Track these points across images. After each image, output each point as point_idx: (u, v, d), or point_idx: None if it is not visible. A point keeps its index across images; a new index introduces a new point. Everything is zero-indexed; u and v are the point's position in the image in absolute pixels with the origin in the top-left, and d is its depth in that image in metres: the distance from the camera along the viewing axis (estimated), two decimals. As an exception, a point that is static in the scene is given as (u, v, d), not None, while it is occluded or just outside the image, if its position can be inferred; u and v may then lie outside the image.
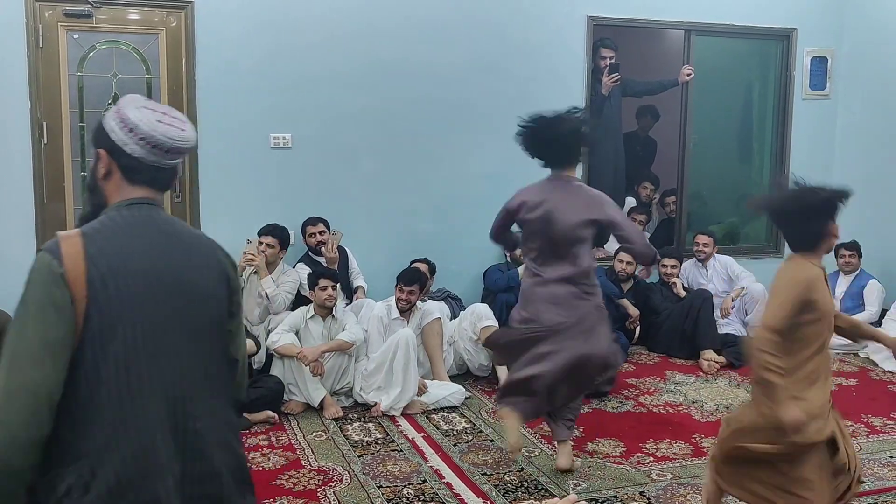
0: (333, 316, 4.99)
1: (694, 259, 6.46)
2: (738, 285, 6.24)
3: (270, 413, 4.66)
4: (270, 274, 5.35)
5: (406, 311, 5.11)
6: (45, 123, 5.37)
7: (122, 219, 1.74)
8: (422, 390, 4.87)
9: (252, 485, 1.89)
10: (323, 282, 4.92)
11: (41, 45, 5.32)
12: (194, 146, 1.81)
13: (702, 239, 6.39)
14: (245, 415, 4.58)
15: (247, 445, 4.31)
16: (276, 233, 5.42)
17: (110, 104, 5.51)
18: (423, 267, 5.60)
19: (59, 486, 1.61)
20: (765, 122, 7.23)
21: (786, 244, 7.39)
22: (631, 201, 7.05)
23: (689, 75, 6.67)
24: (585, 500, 1.35)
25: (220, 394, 1.82)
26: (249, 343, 4.73)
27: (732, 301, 6.20)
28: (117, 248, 1.69)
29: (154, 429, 1.67)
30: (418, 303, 5.19)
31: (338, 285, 5.05)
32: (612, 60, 6.51)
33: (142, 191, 1.77)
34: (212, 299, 1.79)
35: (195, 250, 1.80)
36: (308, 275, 5.18)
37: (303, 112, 5.82)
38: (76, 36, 5.41)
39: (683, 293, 6.20)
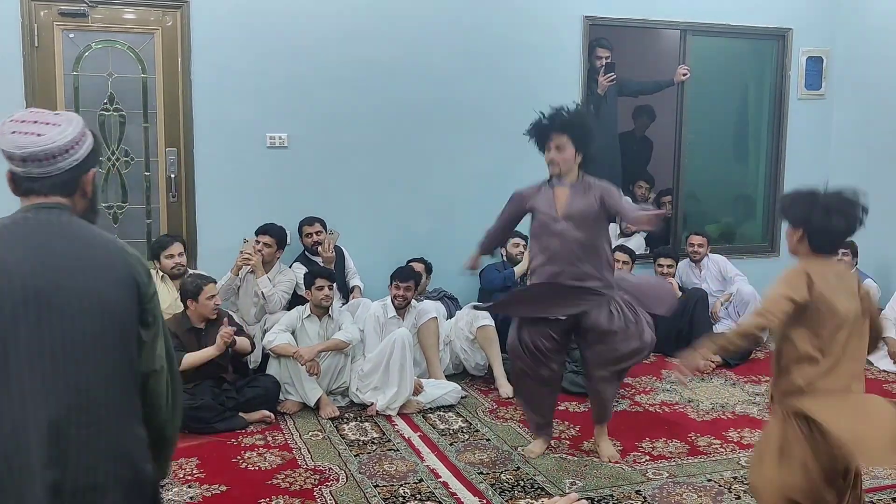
0: (330, 316, 4.99)
1: (688, 259, 6.47)
2: (728, 289, 6.27)
3: (266, 412, 4.65)
4: (267, 273, 5.35)
5: (402, 308, 5.11)
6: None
7: (12, 222, 1.76)
8: (418, 390, 4.88)
9: (155, 501, 1.85)
10: (319, 282, 4.92)
11: (37, 45, 5.31)
12: (53, 149, 1.75)
13: (696, 240, 6.40)
14: (241, 414, 4.58)
15: (242, 445, 4.31)
16: (273, 232, 5.42)
17: (106, 104, 5.50)
18: (419, 266, 5.60)
19: None
20: (760, 121, 7.24)
21: (782, 244, 7.39)
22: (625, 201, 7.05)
23: (684, 75, 6.68)
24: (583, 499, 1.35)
25: (121, 404, 1.76)
26: (244, 342, 4.74)
27: (721, 305, 6.23)
28: (2, 250, 1.69)
29: (28, 434, 1.62)
30: (413, 302, 5.20)
31: (334, 285, 5.05)
32: (608, 60, 6.51)
33: (36, 198, 1.79)
34: (110, 305, 1.74)
35: (95, 254, 1.77)
36: (304, 274, 5.18)
37: (299, 112, 5.82)
38: (72, 35, 5.41)
39: (679, 293, 6.20)
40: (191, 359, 4.47)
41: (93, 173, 1.87)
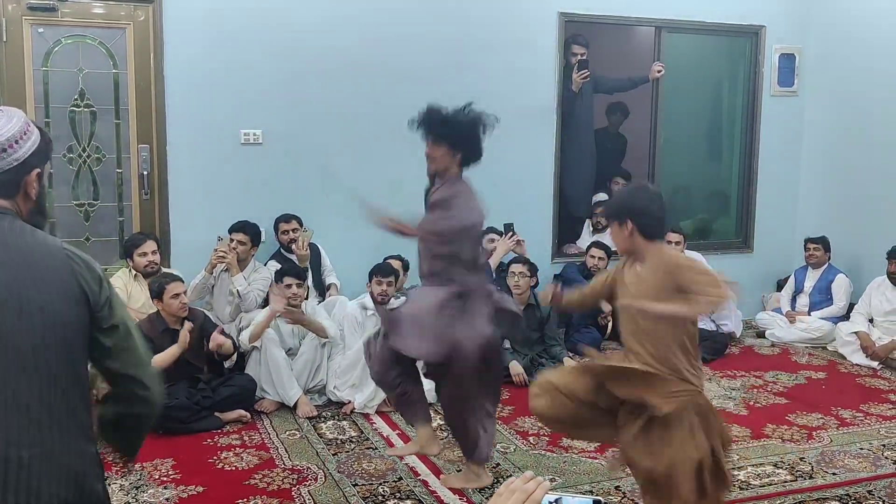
0: (303, 312, 4.95)
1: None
2: None
3: (243, 412, 4.61)
4: (242, 271, 5.30)
5: (384, 304, 5.08)
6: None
7: None
8: None
9: None
10: (287, 279, 4.86)
11: (5, 40, 5.21)
12: None
13: (673, 237, 6.41)
14: (217, 414, 4.53)
15: (219, 445, 4.26)
16: (247, 230, 5.37)
17: (76, 100, 5.41)
18: (396, 263, 5.57)
19: None
20: (734, 118, 7.30)
21: (755, 240, 7.48)
22: (601, 197, 7.08)
23: (659, 72, 6.71)
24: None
25: (68, 422, 1.65)
26: (228, 343, 4.68)
27: None
28: None
29: None
30: (392, 299, 5.17)
31: (305, 283, 4.98)
32: (583, 57, 6.52)
33: None
34: (52, 314, 1.63)
35: (35, 262, 1.65)
36: (275, 272, 5.13)
37: (273, 108, 5.77)
38: (41, 30, 5.31)
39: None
40: (158, 360, 4.38)
41: (37, 173, 1.74)
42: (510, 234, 5.90)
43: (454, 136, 3.66)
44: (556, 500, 1.30)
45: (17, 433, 1.57)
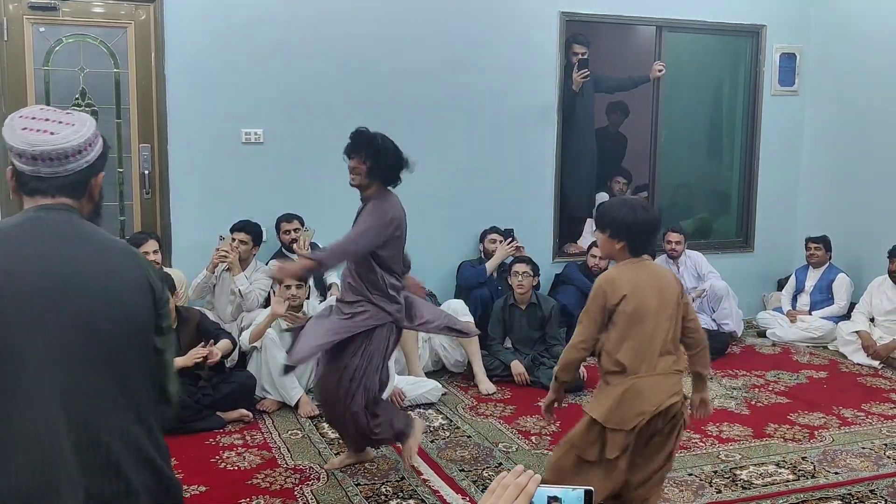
0: (304, 314, 4.94)
1: (665, 255, 6.49)
2: (701, 286, 6.31)
3: (244, 411, 4.60)
4: (243, 271, 5.30)
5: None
6: (10, 119, 5.26)
7: (26, 221, 1.67)
8: (398, 401, 4.81)
9: None
10: (287, 280, 4.86)
11: (6, 39, 5.20)
12: (66, 149, 1.68)
13: (674, 237, 6.42)
14: (219, 413, 4.52)
15: (221, 444, 4.26)
16: (249, 229, 5.37)
17: (77, 99, 5.41)
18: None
19: None
20: (735, 117, 7.30)
21: (755, 239, 7.49)
22: (602, 196, 7.08)
23: (660, 71, 6.70)
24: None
25: (140, 407, 1.69)
26: (226, 342, 4.67)
27: (693, 301, 6.26)
28: (15, 250, 1.61)
29: (57, 441, 1.55)
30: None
31: (306, 284, 4.96)
32: (584, 57, 6.52)
33: (43, 199, 1.70)
34: (124, 307, 1.67)
35: (109, 257, 1.70)
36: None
37: (275, 107, 5.76)
38: (42, 29, 5.31)
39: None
40: None
41: (101, 177, 1.80)
42: (510, 239, 5.91)
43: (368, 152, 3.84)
44: (554, 498, 1.30)
45: (103, 420, 1.61)
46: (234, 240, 5.29)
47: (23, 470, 1.52)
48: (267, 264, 5.51)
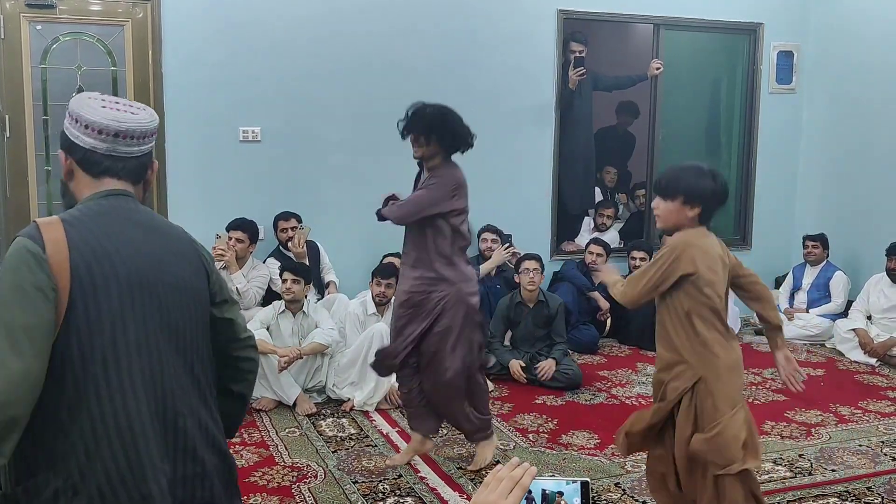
0: (304, 312, 4.94)
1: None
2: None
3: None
4: (241, 269, 5.29)
5: (383, 305, 5.07)
6: (7, 117, 5.26)
7: (98, 207, 1.67)
8: (397, 400, 4.81)
9: (238, 489, 1.84)
10: (284, 275, 4.87)
11: (3, 37, 5.20)
12: (148, 128, 1.73)
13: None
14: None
15: (219, 442, 4.26)
16: (245, 227, 5.35)
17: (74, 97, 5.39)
18: (396, 261, 5.55)
19: (45, 490, 1.54)
20: (732, 115, 7.30)
21: (753, 237, 7.48)
22: (595, 191, 7.10)
23: (658, 69, 6.70)
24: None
25: (206, 390, 1.75)
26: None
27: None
28: (99, 235, 1.61)
29: (144, 426, 1.59)
30: (393, 298, 5.15)
31: (302, 281, 4.94)
32: (581, 54, 6.51)
33: (110, 182, 1.71)
34: (192, 291, 1.73)
35: (172, 241, 1.75)
36: (278, 268, 5.13)
37: (272, 105, 5.76)
38: (39, 27, 5.30)
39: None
40: None
41: (156, 165, 1.84)
42: (507, 245, 5.91)
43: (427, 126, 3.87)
44: (559, 493, 1.29)
45: (179, 404, 1.66)
46: (230, 238, 5.29)
47: (114, 454, 1.56)
48: (265, 262, 5.51)
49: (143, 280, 1.64)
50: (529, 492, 1.28)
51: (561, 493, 1.29)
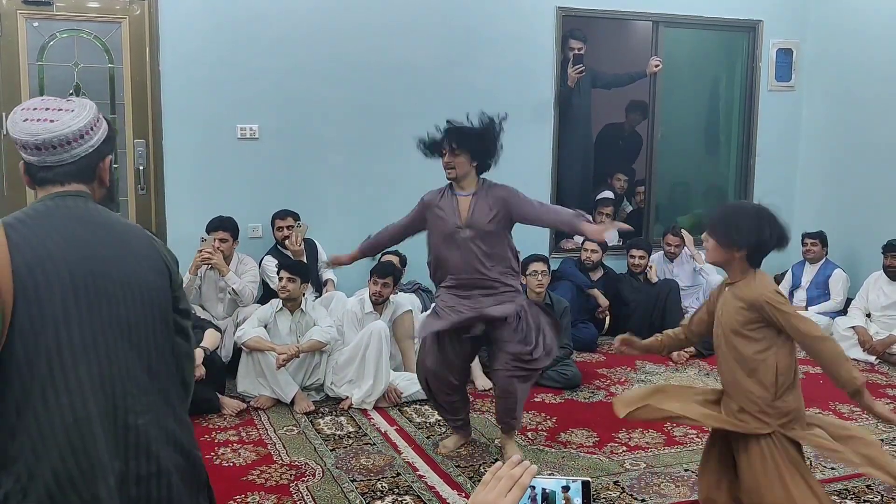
0: (302, 310, 4.92)
1: (662, 252, 6.51)
2: (696, 282, 6.36)
3: (240, 402, 4.65)
4: (229, 268, 5.26)
5: (380, 303, 5.06)
6: (4, 114, 5.24)
7: (45, 208, 1.68)
8: (395, 398, 4.80)
9: (207, 485, 1.83)
10: (281, 272, 4.86)
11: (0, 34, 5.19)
12: (66, 135, 1.69)
13: (673, 240, 6.45)
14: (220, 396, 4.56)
15: (216, 441, 4.25)
16: (227, 226, 5.30)
17: (72, 94, 5.38)
18: (394, 259, 5.55)
19: None
20: (731, 113, 7.29)
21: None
22: (606, 193, 7.07)
23: (657, 66, 6.69)
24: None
25: (166, 389, 1.74)
26: (215, 335, 4.64)
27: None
28: (42, 236, 1.62)
29: (92, 425, 1.59)
30: (391, 296, 5.15)
31: (299, 279, 4.91)
32: (580, 52, 6.50)
33: (57, 188, 1.72)
34: (148, 288, 1.72)
35: (128, 241, 1.74)
36: (276, 265, 5.12)
37: (270, 103, 5.75)
38: (36, 24, 5.28)
39: (656, 279, 6.27)
40: None
41: (109, 160, 1.82)
42: None
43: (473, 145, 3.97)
44: (566, 488, 1.28)
45: (133, 402, 1.65)
46: (214, 240, 5.23)
47: (62, 454, 1.56)
48: (262, 260, 5.49)
49: (92, 278, 1.63)
50: (532, 487, 1.26)
51: (567, 488, 1.28)
